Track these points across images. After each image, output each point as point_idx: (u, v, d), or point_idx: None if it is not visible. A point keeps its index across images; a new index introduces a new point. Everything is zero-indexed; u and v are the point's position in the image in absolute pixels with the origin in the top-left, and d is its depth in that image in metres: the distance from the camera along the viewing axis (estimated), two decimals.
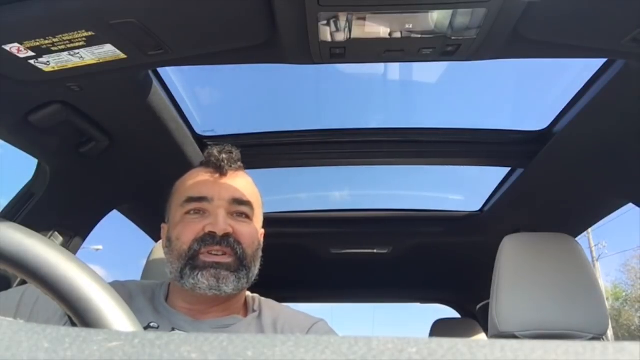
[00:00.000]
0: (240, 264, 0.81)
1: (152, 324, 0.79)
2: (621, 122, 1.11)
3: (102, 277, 0.36)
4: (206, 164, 0.89)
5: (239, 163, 0.92)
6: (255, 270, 0.86)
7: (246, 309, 0.91)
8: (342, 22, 0.80)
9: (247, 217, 0.86)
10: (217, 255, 0.80)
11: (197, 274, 0.79)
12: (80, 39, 0.81)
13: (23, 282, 1.08)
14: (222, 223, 0.81)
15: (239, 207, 0.85)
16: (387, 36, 0.83)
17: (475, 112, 1.74)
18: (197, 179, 0.88)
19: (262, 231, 0.95)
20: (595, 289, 1.12)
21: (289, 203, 2.04)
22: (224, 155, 0.88)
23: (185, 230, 0.82)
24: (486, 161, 1.49)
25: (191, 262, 0.80)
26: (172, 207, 0.89)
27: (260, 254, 0.89)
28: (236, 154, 0.91)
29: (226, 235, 0.81)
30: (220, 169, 0.87)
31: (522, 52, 0.95)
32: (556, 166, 1.36)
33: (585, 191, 1.44)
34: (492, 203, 1.77)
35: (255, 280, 0.88)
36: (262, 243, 0.93)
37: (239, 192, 0.86)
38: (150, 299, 0.86)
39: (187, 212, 0.85)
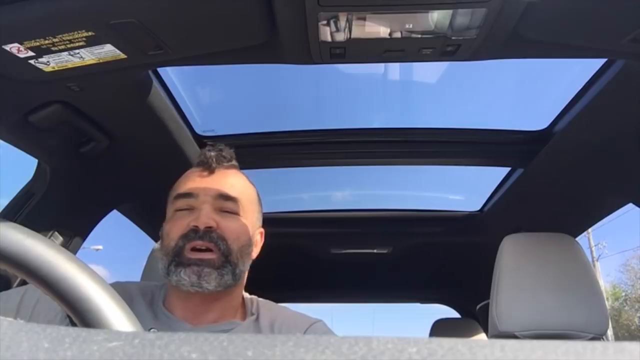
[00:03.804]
0: (224, 260, 0.81)
1: (151, 330, 0.79)
2: (621, 122, 1.11)
3: (102, 278, 0.36)
4: (198, 163, 0.92)
5: (232, 162, 0.93)
6: (243, 267, 0.86)
7: (244, 311, 0.91)
8: (342, 22, 0.80)
9: (235, 213, 0.87)
10: (200, 251, 0.81)
11: (180, 271, 0.80)
12: (80, 39, 0.81)
13: (23, 282, 1.08)
14: (204, 217, 0.82)
15: (225, 202, 0.86)
16: (387, 36, 0.83)
17: (475, 112, 1.73)
18: (188, 177, 0.90)
19: (261, 230, 0.95)
20: (595, 289, 1.12)
21: (289, 203, 2.03)
22: (212, 153, 0.90)
23: (173, 226, 0.84)
24: (486, 161, 1.49)
25: (177, 258, 0.81)
26: (167, 206, 0.91)
27: (251, 250, 0.88)
28: (228, 152, 0.92)
29: (209, 230, 0.81)
30: (208, 167, 0.89)
31: (522, 52, 0.95)
32: (556, 166, 1.36)
33: (585, 191, 1.43)
34: (492, 203, 1.77)
35: (253, 278, 0.88)
36: (258, 241, 0.93)
37: (225, 188, 0.87)
38: (150, 304, 0.87)
39: (177, 209, 0.87)
